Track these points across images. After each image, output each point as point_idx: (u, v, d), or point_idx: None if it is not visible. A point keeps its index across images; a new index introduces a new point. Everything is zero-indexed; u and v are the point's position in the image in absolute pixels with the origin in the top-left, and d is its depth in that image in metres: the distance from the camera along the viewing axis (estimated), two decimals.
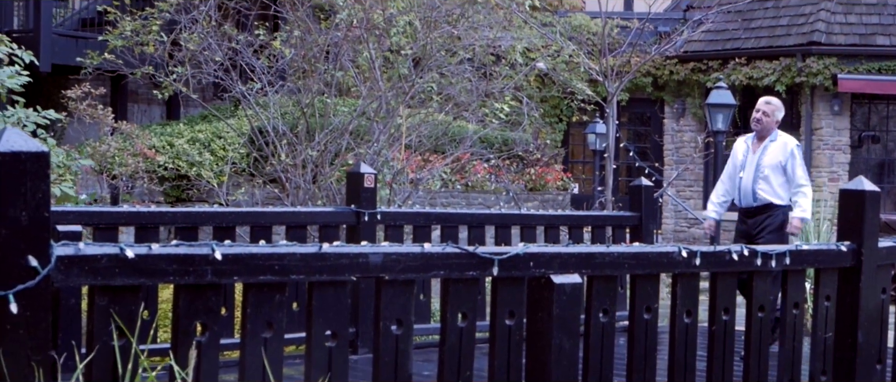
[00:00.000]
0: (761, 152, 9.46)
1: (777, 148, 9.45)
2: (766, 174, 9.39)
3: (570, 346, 4.22)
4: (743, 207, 9.56)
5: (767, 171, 9.39)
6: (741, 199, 9.56)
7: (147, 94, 17.97)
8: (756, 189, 9.40)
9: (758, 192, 9.40)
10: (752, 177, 9.43)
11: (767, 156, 9.42)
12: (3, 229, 3.19)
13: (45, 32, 16.02)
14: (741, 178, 9.52)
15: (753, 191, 9.41)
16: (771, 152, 9.43)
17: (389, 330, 3.97)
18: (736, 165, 9.66)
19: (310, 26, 13.00)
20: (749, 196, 9.46)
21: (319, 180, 12.08)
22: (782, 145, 9.46)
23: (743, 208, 9.56)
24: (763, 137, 9.53)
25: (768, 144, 9.47)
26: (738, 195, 9.59)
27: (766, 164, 9.40)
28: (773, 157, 9.41)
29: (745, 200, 9.51)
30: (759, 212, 9.42)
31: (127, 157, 13.87)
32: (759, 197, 9.39)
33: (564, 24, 19.60)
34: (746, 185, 9.47)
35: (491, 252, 4.08)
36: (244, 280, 3.68)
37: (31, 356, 3.26)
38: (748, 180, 9.46)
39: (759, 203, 9.40)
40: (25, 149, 3.22)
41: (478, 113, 13.69)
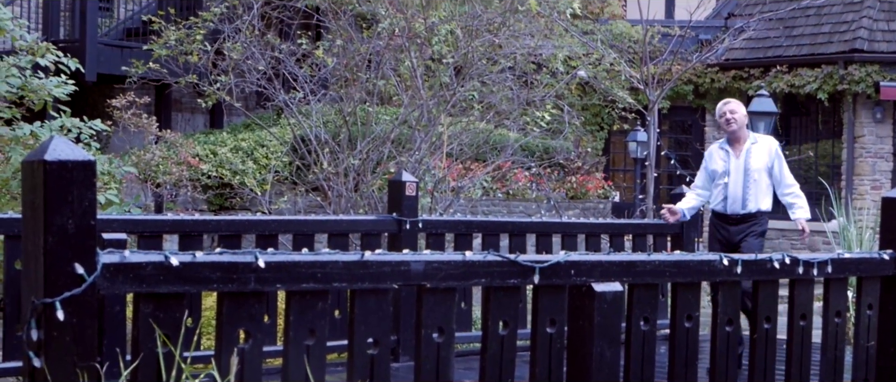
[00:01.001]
0: (745, 155, 8.95)
1: (762, 150, 8.97)
2: (755, 179, 8.90)
3: (612, 354, 4.22)
4: (728, 214, 8.96)
5: (756, 175, 8.90)
6: (728, 206, 8.97)
7: (191, 103, 18.10)
8: (747, 196, 8.89)
9: (748, 199, 8.89)
10: (742, 183, 8.91)
11: (754, 159, 8.93)
12: (50, 237, 3.23)
13: (90, 42, 16.16)
14: (726, 184, 8.96)
15: (743, 198, 8.90)
16: (756, 155, 8.94)
17: (431, 338, 3.98)
18: (713, 172, 9.10)
19: (352, 35, 13.06)
20: (738, 204, 8.92)
21: (361, 188, 12.12)
22: (766, 147, 8.99)
23: (727, 216, 8.97)
24: (740, 138, 8.99)
25: (750, 147, 8.97)
26: (724, 203, 8.99)
27: (755, 167, 8.91)
28: (760, 160, 8.92)
29: (732, 207, 8.94)
30: (744, 220, 8.92)
31: (171, 165, 13.97)
32: (748, 204, 8.89)
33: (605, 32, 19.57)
34: (735, 192, 8.93)
35: (532, 260, 4.09)
36: (287, 288, 3.70)
37: (76, 362, 3.29)
38: (737, 187, 8.92)
39: (747, 211, 8.91)
40: (72, 158, 3.25)
41: (519, 121, 13.70)
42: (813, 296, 5.22)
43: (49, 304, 3.23)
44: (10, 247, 6.78)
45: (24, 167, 3.35)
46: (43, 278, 3.23)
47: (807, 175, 22.66)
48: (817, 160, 22.75)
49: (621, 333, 4.33)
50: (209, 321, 8.01)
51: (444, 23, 12.62)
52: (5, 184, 8.89)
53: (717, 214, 9.05)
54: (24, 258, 3.35)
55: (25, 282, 3.34)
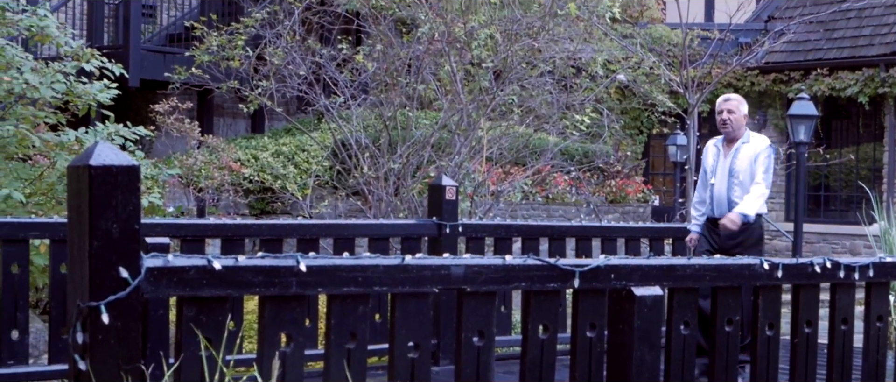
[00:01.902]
0: (733, 155, 8.46)
1: (749, 150, 8.44)
2: (740, 180, 8.38)
3: (652, 358, 4.21)
4: (716, 217, 8.45)
5: (741, 176, 8.38)
6: (715, 209, 8.47)
7: (232, 108, 18.20)
8: (732, 198, 8.36)
9: (733, 200, 8.36)
10: (726, 184, 8.42)
11: (740, 160, 8.42)
12: (95, 241, 3.25)
13: (134, 48, 16.29)
14: (713, 185, 8.50)
15: (728, 200, 8.37)
16: (743, 156, 8.43)
17: (471, 342, 4.00)
18: (707, 171, 8.64)
19: (392, 40, 13.10)
20: (723, 206, 8.41)
21: (401, 192, 12.15)
22: (754, 147, 8.45)
23: (716, 219, 8.45)
24: (734, 138, 8.50)
25: (740, 146, 8.46)
26: (711, 205, 8.51)
27: (739, 168, 8.40)
28: (747, 160, 8.40)
29: (719, 210, 8.44)
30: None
31: (213, 170, 14.06)
32: (733, 205, 8.34)
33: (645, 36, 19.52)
34: (720, 193, 8.45)
35: (572, 264, 4.09)
36: (328, 292, 3.72)
37: (121, 365, 3.31)
38: (721, 188, 8.44)
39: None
40: (117, 163, 3.28)
41: (558, 125, 13.69)
42: (854, 300, 5.20)
43: (94, 307, 3.25)
44: (55, 251, 6.85)
45: (70, 172, 3.37)
46: (88, 281, 3.26)
47: (848, 179, 22.50)
48: (858, 164, 22.59)
49: (661, 337, 4.32)
50: (251, 325, 8.07)
51: (483, 27, 12.64)
52: (51, 189, 8.99)
53: (708, 218, 8.57)
54: (70, 261, 3.37)
55: (71, 285, 3.37)
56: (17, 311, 6.74)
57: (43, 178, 8.99)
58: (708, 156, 8.64)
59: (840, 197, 23.02)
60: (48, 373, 6.83)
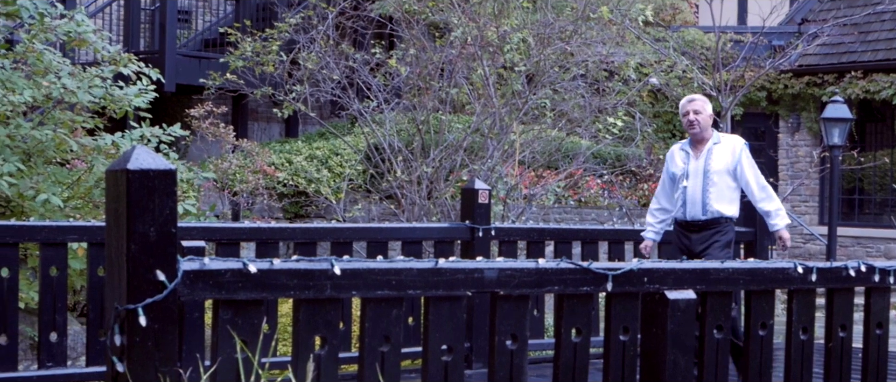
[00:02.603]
0: (706, 156, 8.18)
1: (725, 150, 8.19)
2: (715, 181, 8.13)
3: (685, 362, 4.22)
4: (688, 220, 8.21)
5: (717, 177, 8.13)
6: (687, 211, 8.20)
7: (267, 112, 18.29)
8: (707, 200, 8.13)
9: (708, 203, 8.12)
10: (701, 186, 8.15)
11: (715, 160, 8.16)
12: (132, 245, 3.28)
13: (169, 53, 16.40)
14: (686, 187, 8.21)
15: (703, 202, 8.13)
16: (718, 156, 8.17)
17: (504, 345, 4.01)
18: (673, 175, 8.35)
19: (425, 44, 13.14)
20: (697, 208, 8.15)
21: (434, 196, 12.18)
22: (730, 147, 8.20)
23: (687, 222, 8.22)
24: (703, 139, 8.24)
25: (712, 147, 8.21)
26: (683, 208, 8.23)
27: (715, 169, 8.14)
28: (722, 161, 8.15)
29: (691, 212, 8.18)
30: (707, 226, 8.17)
31: (247, 174, 14.13)
32: (709, 209, 8.12)
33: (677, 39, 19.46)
34: (694, 195, 8.18)
35: (605, 268, 4.10)
36: (362, 295, 3.74)
37: (158, 367, 3.34)
38: (696, 190, 8.17)
39: (709, 216, 8.14)
40: (154, 167, 3.31)
41: (591, 129, 13.69)
42: (889, 304, 5.18)
43: (132, 310, 3.28)
44: (93, 254, 6.91)
45: (108, 176, 3.40)
46: (126, 284, 3.29)
47: (882, 182, 22.35)
48: (893, 167, 22.43)
49: (694, 341, 4.33)
50: (285, 328, 8.11)
51: (516, 31, 12.65)
52: (88, 193, 9.06)
53: (678, 221, 8.34)
54: (108, 264, 3.40)
55: (109, 288, 3.40)
56: (55, 313, 6.80)
57: (80, 182, 9.07)
58: (675, 160, 8.40)
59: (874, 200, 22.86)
60: (86, 375, 6.89)
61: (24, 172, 8.53)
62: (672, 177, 8.36)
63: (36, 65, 9.07)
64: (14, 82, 8.85)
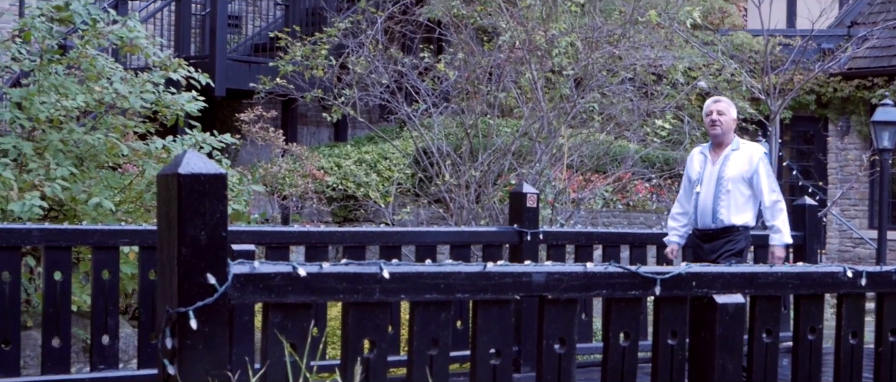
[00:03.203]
0: (722, 162, 7.98)
1: (741, 158, 7.97)
2: (728, 189, 7.91)
3: (733, 366, 4.20)
4: (700, 228, 8.05)
5: (730, 185, 7.91)
6: (698, 219, 8.04)
7: (316, 116, 18.37)
8: (717, 208, 7.93)
9: (719, 211, 7.92)
10: (713, 193, 7.95)
11: (730, 167, 7.94)
12: (183, 248, 3.31)
13: (220, 58, 16.50)
14: (698, 194, 8.02)
15: (714, 210, 7.94)
16: (734, 163, 7.95)
17: (552, 349, 4.01)
18: (691, 180, 8.17)
19: (473, 48, 13.15)
20: (708, 216, 7.97)
21: (482, 199, 12.19)
22: (747, 155, 7.98)
23: (700, 230, 8.06)
24: (723, 144, 8.04)
25: (729, 153, 8.00)
26: (695, 215, 8.07)
27: (729, 176, 7.92)
28: (737, 168, 7.93)
29: (702, 220, 8.01)
30: (718, 235, 7.97)
31: (297, 178, 14.21)
32: (719, 217, 7.93)
33: (726, 43, 19.34)
34: (705, 203, 7.98)
35: (653, 272, 4.09)
36: (411, 299, 3.75)
37: (208, 370, 3.36)
38: (707, 198, 7.97)
39: (720, 225, 7.95)
40: (205, 171, 3.34)
41: (639, 132, 13.65)
42: None
43: (183, 313, 3.30)
44: (144, 258, 6.98)
45: (160, 181, 3.43)
46: (177, 288, 3.32)
47: None
48: None
49: (743, 345, 4.31)
50: (333, 331, 8.15)
51: (564, 35, 12.64)
52: (139, 197, 9.15)
53: (693, 229, 8.19)
54: (159, 268, 3.43)
55: (160, 291, 3.43)
56: (107, 316, 6.88)
57: (132, 186, 9.16)
58: (693, 163, 8.22)
59: None
60: (138, 378, 6.96)
61: (76, 176, 8.63)
62: (690, 181, 8.21)
63: (89, 70, 9.18)
64: (67, 88, 8.96)
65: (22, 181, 8.27)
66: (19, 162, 8.68)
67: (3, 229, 6.65)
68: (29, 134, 8.95)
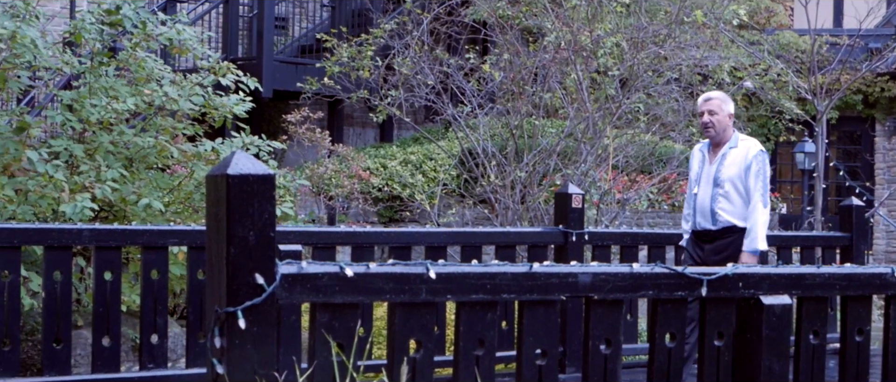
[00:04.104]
0: (719, 161, 7.69)
1: (739, 155, 7.66)
2: (726, 190, 7.62)
3: (780, 368, 4.19)
4: (699, 229, 7.77)
5: (728, 185, 7.63)
6: (697, 220, 7.76)
7: (362, 117, 18.44)
8: (715, 208, 7.64)
9: (717, 212, 7.63)
10: (710, 194, 7.67)
11: (727, 166, 7.65)
12: (232, 248, 3.33)
13: (267, 60, 16.60)
14: (696, 194, 7.78)
15: (712, 211, 7.66)
16: (731, 161, 7.65)
17: (598, 350, 4.02)
18: (691, 180, 7.94)
19: (518, 49, 13.16)
20: (707, 217, 7.69)
21: (528, 200, 12.19)
22: (744, 152, 7.65)
23: (700, 231, 7.78)
24: (720, 143, 7.72)
25: (727, 151, 7.69)
26: (694, 216, 7.81)
27: (726, 176, 7.63)
28: (734, 167, 7.63)
29: (701, 221, 7.73)
30: (718, 236, 7.68)
31: (343, 178, 14.27)
32: (719, 218, 7.63)
33: (772, 42, 19.23)
34: (703, 203, 7.71)
35: (700, 273, 4.09)
36: (457, 299, 3.76)
37: (256, 369, 3.38)
38: (705, 197, 7.70)
39: (719, 226, 7.65)
40: (253, 172, 3.36)
41: (684, 133, 13.60)
42: None
43: (231, 313, 3.32)
44: (192, 258, 7.05)
45: (209, 181, 3.46)
46: (225, 287, 3.34)
47: None
48: None
49: (790, 346, 4.30)
50: (379, 331, 8.19)
51: (609, 35, 12.62)
52: (188, 197, 9.23)
53: (692, 230, 7.91)
54: (208, 268, 3.45)
55: (209, 291, 3.45)
56: (156, 316, 6.95)
57: (180, 187, 9.24)
58: (693, 163, 7.98)
59: None
60: (186, 377, 7.03)
61: (126, 177, 8.72)
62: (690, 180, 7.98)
63: (138, 72, 9.26)
64: (117, 90, 9.05)
65: (73, 183, 8.36)
66: (70, 164, 8.78)
67: (55, 229, 6.74)
68: (80, 136, 9.05)
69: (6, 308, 6.51)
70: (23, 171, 8.45)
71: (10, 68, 8.77)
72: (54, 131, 10.08)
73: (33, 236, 6.73)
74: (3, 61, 8.66)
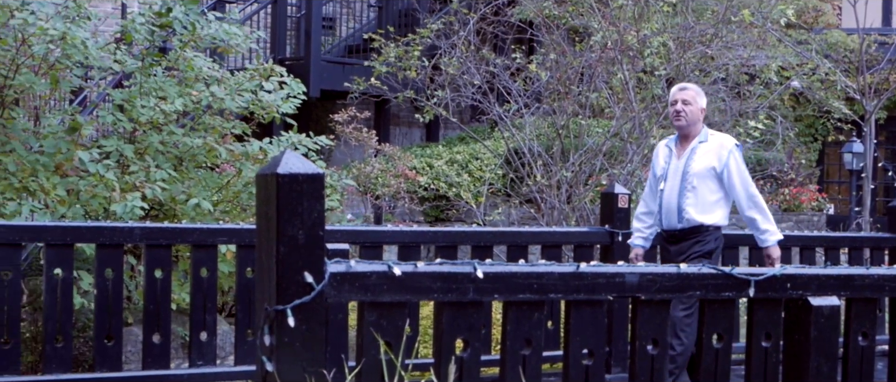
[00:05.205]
0: (688, 155, 7.33)
1: (709, 151, 7.29)
2: (694, 186, 7.25)
3: (829, 369, 4.17)
4: (665, 229, 7.43)
5: (696, 181, 7.25)
6: (663, 219, 7.40)
7: (408, 117, 18.48)
8: (683, 205, 7.28)
9: (685, 209, 7.27)
10: (678, 190, 7.31)
11: (696, 161, 7.29)
12: (281, 247, 3.35)
13: (314, 60, 16.68)
14: (662, 191, 7.39)
15: (679, 208, 7.30)
16: (701, 156, 7.29)
17: (645, 350, 4.02)
18: (656, 175, 7.56)
19: (564, 49, 13.15)
20: (673, 215, 7.33)
21: (574, 200, 12.18)
22: (716, 147, 7.28)
23: (666, 231, 7.44)
24: (690, 136, 7.37)
25: (697, 146, 7.33)
26: (660, 214, 7.45)
27: (695, 171, 7.27)
28: (704, 162, 7.26)
29: (668, 220, 7.38)
30: (685, 236, 7.31)
31: (389, 178, 14.32)
32: (686, 216, 7.27)
33: (820, 42, 19.09)
34: (669, 200, 7.35)
35: (747, 273, 4.07)
36: (504, 298, 3.76)
37: (305, 367, 3.41)
38: (672, 194, 7.34)
39: (686, 225, 7.29)
40: (302, 171, 3.38)
41: (731, 133, 13.53)
42: None
43: (281, 311, 3.34)
44: (241, 256, 7.10)
45: (259, 180, 3.48)
46: (275, 286, 3.36)
47: None
48: None
49: (838, 348, 4.28)
50: (425, 330, 8.21)
51: (656, 35, 12.58)
52: (236, 197, 9.30)
53: (660, 230, 7.58)
54: (258, 266, 3.48)
55: (259, 289, 3.47)
56: (205, 313, 7.01)
57: (228, 186, 9.32)
58: (658, 158, 7.59)
59: None
60: (235, 374, 7.08)
61: (175, 177, 8.80)
62: (655, 177, 7.61)
63: (187, 72, 9.35)
64: (166, 90, 9.13)
65: (123, 183, 8.45)
66: (121, 163, 8.88)
67: (107, 227, 6.81)
68: (130, 136, 9.14)
69: (59, 305, 6.60)
70: (75, 170, 8.55)
71: (62, 69, 8.87)
72: (105, 131, 10.19)
73: (86, 233, 6.80)
74: (55, 62, 8.77)
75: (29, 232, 6.73)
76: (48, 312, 6.61)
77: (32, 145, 8.62)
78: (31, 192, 8.29)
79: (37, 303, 8.10)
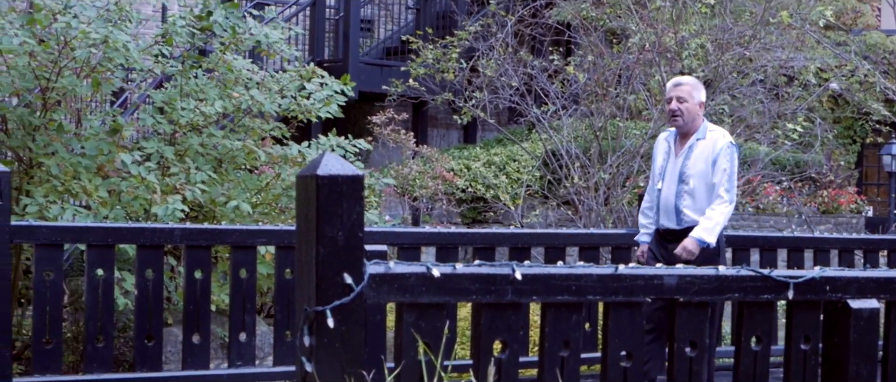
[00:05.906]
0: (686, 153, 7.15)
1: (706, 148, 7.10)
2: (691, 186, 7.09)
3: (868, 372, 4.15)
4: (663, 228, 7.25)
5: (693, 181, 7.09)
6: (660, 218, 7.24)
7: (446, 118, 18.52)
8: (680, 206, 7.12)
9: (682, 210, 7.11)
10: (675, 190, 7.14)
11: (693, 160, 7.11)
12: (321, 248, 3.37)
13: (353, 62, 16.75)
14: (660, 190, 7.23)
15: (676, 208, 7.13)
16: (698, 154, 7.11)
17: (683, 352, 4.02)
18: (655, 172, 7.38)
19: (602, 51, 13.14)
20: (671, 215, 7.17)
21: (611, 202, 12.17)
22: (712, 143, 7.07)
23: (663, 230, 7.26)
24: (688, 133, 7.16)
25: (695, 143, 7.13)
26: (657, 213, 7.28)
27: (693, 171, 7.11)
28: (701, 160, 7.09)
29: (665, 219, 7.21)
30: (683, 236, 7.11)
31: (427, 179, 14.35)
32: (683, 217, 7.11)
33: (859, 43, 18.97)
34: (667, 200, 7.18)
35: (786, 276, 4.06)
36: (542, 300, 3.76)
37: (344, 368, 3.42)
38: (669, 194, 7.17)
39: (683, 225, 7.13)
40: (342, 173, 3.39)
41: (769, 135, 13.49)
42: None
43: (320, 312, 3.36)
44: (280, 257, 7.14)
45: (299, 182, 3.50)
46: (314, 287, 3.37)
47: None
48: None
49: (878, 351, 4.26)
50: (463, 331, 8.23)
51: (694, 37, 12.55)
52: (276, 199, 9.34)
53: (656, 229, 7.38)
54: (297, 267, 3.49)
55: (298, 290, 3.49)
56: (244, 314, 7.05)
57: (267, 189, 9.36)
58: (657, 153, 7.40)
59: None
60: (274, 374, 7.12)
61: (215, 179, 8.85)
62: (654, 173, 7.43)
63: (227, 74, 9.40)
64: (206, 92, 9.19)
65: (164, 184, 8.51)
66: (161, 165, 8.94)
67: (148, 228, 6.87)
68: (170, 138, 9.20)
69: (100, 306, 6.66)
70: (116, 171, 8.61)
71: (103, 71, 8.94)
72: (146, 132, 10.26)
73: (127, 234, 6.87)
74: (97, 64, 8.84)
75: (71, 233, 6.80)
76: (89, 312, 6.67)
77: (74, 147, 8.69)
78: (74, 194, 8.35)
79: (78, 303, 8.17)
